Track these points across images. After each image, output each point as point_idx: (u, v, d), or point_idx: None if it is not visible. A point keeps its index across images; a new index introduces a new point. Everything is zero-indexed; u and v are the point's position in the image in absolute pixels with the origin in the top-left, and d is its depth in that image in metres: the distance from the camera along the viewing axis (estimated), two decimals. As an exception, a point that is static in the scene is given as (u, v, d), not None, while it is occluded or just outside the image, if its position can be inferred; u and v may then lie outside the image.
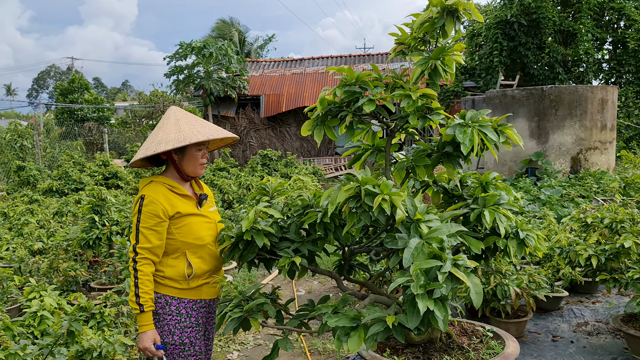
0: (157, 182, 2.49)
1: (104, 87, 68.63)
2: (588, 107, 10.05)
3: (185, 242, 2.47)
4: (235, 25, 34.87)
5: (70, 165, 13.39)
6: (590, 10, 14.27)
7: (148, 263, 2.39)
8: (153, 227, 2.39)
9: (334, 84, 21.89)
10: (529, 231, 2.52)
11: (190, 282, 2.48)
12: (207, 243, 2.52)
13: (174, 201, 2.46)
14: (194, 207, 2.54)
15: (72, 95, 24.91)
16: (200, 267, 2.50)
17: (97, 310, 4.07)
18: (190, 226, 2.48)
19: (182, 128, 2.45)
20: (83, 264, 6.07)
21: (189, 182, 2.62)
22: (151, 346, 2.36)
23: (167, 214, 2.42)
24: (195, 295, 2.52)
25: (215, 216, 2.66)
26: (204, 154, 2.56)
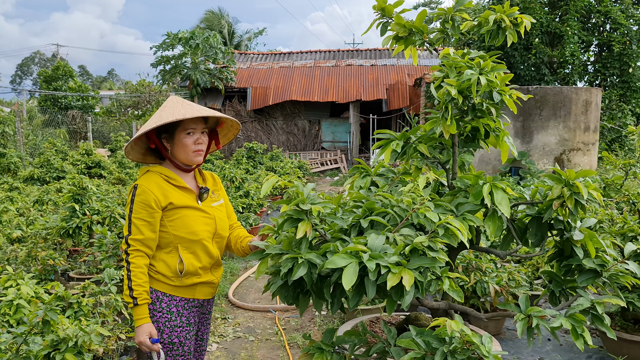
0: (153, 171, 2.38)
1: (90, 76, 67.78)
2: (572, 108, 10.15)
3: (177, 236, 2.35)
4: (224, 17, 34.63)
5: (52, 153, 13.21)
6: (577, 12, 14.38)
7: (141, 255, 2.31)
8: (145, 217, 2.30)
9: (322, 78, 21.85)
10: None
11: (182, 279, 2.37)
12: (201, 238, 2.38)
13: (169, 192, 2.35)
14: (193, 200, 2.41)
15: (56, 82, 24.58)
16: (192, 264, 2.37)
17: (75, 299, 4.02)
18: (184, 219, 2.35)
19: (163, 113, 2.33)
20: (62, 253, 5.99)
21: (190, 173, 2.49)
22: (147, 340, 2.27)
23: (159, 205, 2.31)
24: (188, 294, 2.41)
25: (217, 212, 2.50)
26: (197, 140, 2.38)
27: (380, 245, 2.01)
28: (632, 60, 14.26)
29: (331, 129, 22.12)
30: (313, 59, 23.59)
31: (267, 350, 4.39)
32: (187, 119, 2.33)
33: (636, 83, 14.42)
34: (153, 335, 2.30)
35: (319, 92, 21.15)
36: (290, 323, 5.00)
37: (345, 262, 1.91)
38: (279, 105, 21.69)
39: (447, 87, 2.32)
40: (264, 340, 4.60)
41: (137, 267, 2.29)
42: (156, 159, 2.54)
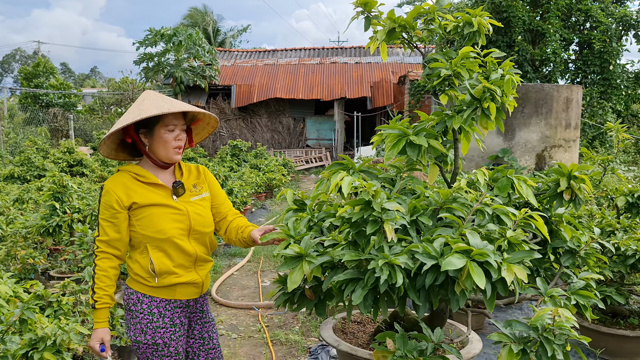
0: (122, 170, 2.33)
1: (72, 73, 66.99)
2: (553, 105, 10.27)
3: (145, 236, 2.27)
4: (208, 14, 34.44)
5: (33, 152, 13.04)
6: (558, 11, 14.53)
7: (107, 257, 2.27)
8: (109, 218, 2.26)
9: (307, 76, 21.83)
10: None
11: (159, 280, 2.28)
12: (170, 236, 2.27)
13: (134, 191, 2.27)
14: (164, 197, 2.32)
15: (37, 79, 24.24)
16: (164, 263, 2.28)
17: (54, 298, 3.98)
18: (151, 218, 2.27)
19: (143, 106, 2.25)
20: (43, 252, 5.92)
21: (167, 169, 2.40)
22: (96, 346, 2.27)
23: (122, 205, 2.25)
24: (167, 295, 2.33)
25: (193, 207, 2.38)
26: (177, 137, 2.30)
27: (480, 242, 1.98)
28: (612, 57, 14.45)
29: (316, 126, 22.13)
30: (297, 57, 23.56)
31: (250, 347, 4.38)
32: (170, 115, 2.27)
33: (616, 80, 14.62)
34: (105, 342, 2.28)
35: (304, 90, 21.14)
36: (274, 320, 4.99)
37: (462, 262, 1.86)
38: (263, 103, 21.64)
39: (484, 85, 2.45)
40: (247, 337, 4.59)
41: (101, 269, 2.27)
42: (128, 155, 2.47)
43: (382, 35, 2.70)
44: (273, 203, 12.37)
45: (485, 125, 2.57)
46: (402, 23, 2.69)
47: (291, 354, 4.24)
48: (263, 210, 11.30)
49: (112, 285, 2.28)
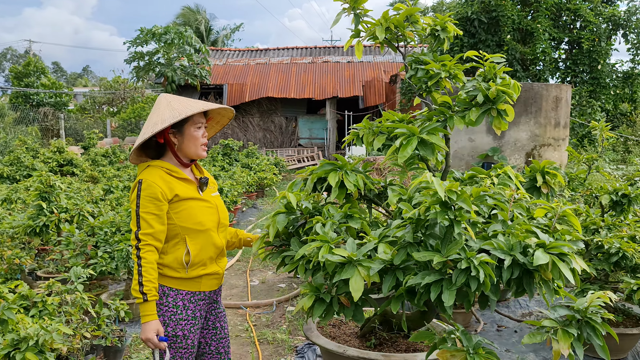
0: (154, 165, 2.40)
1: (64, 72, 66.60)
2: (543, 104, 10.32)
3: (184, 227, 2.37)
4: (201, 13, 34.35)
5: (22, 151, 12.96)
6: (547, 10, 14.61)
7: (152, 250, 2.31)
8: (153, 211, 2.31)
9: (299, 75, 21.82)
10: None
11: (188, 271, 2.38)
12: (207, 229, 2.42)
13: (173, 184, 2.37)
14: (195, 191, 2.45)
15: (27, 79, 24.07)
16: (199, 255, 2.40)
17: (39, 298, 3.96)
18: (190, 211, 2.39)
19: (175, 107, 2.38)
20: (30, 252, 5.89)
21: (188, 167, 2.52)
22: (154, 337, 2.26)
23: (165, 197, 2.33)
24: (193, 287, 2.42)
25: (218, 201, 2.55)
26: (204, 134, 2.47)
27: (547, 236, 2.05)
28: (601, 57, 14.55)
29: (308, 125, 22.13)
30: (290, 56, 23.54)
31: (237, 346, 4.38)
32: (197, 114, 2.41)
33: (605, 80, 14.72)
34: (160, 333, 2.29)
35: (296, 89, 21.13)
36: (261, 319, 5.00)
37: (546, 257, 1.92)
38: (255, 102, 21.61)
39: (498, 88, 2.59)
40: (234, 336, 4.59)
41: (148, 262, 2.28)
42: (147, 157, 2.51)
43: (381, 33, 2.70)
44: (264, 202, 12.36)
45: (498, 126, 2.69)
46: (395, 23, 2.72)
47: (278, 352, 4.24)
48: (254, 209, 11.29)
49: (157, 279, 2.31)
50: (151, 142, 2.44)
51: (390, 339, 2.86)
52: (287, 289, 5.88)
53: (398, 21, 2.73)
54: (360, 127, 2.79)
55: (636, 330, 3.87)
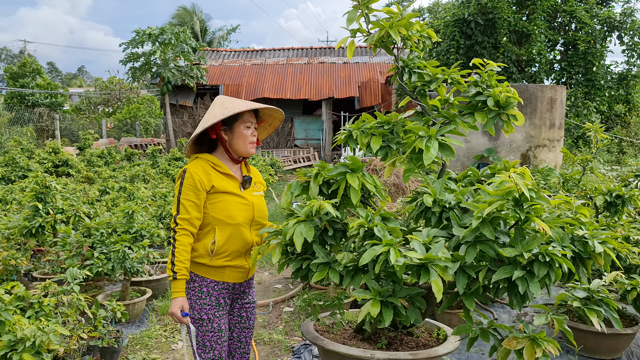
0: (201, 158, 2.60)
1: (59, 73, 66.36)
2: (538, 105, 10.36)
3: (216, 218, 2.53)
4: (197, 14, 34.30)
5: (17, 152, 12.93)
6: (543, 12, 14.67)
7: (186, 234, 2.49)
8: (192, 199, 2.50)
9: (295, 76, 21.84)
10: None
11: (213, 259, 2.54)
12: (238, 223, 2.55)
13: (213, 177, 2.54)
14: (235, 187, 2.59)
15: (23, 79, 24.01)
16: (225, 246, 2.54)
17: (36, 299, 3.96)
18: (224, 204, 2.54)
19: (227, 105, 2.56)
20: (26, 253, 5.88)
21: (237, 164, 2.68)
22: (178, 312, 2.46)
23: (204, 187, 2.51)
24: (217, 276, 2.57)
25: (256, 199, 2.66)
26: (253, 133, 2.62)
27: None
28: (596, 59, 14.62)
29: (304, 126, 22.14)
30: (285, 57, 23.55)
31: (233, 347, 4.39)
32: (247, 113, 2.60)
33: (600, 81, 14.79)
34: (185, 309, 2.49)
35: (292, 90, 21.14)
36: (258, 320, 5.00)
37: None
38: (251, 103, 21.59)
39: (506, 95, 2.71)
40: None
41: (181, 244, 2.48)
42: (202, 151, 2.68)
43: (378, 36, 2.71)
44: (260, 203, 12.36)
45: (507, 129, 2.78)
46: (401, 25, 2.72)
47: (274, 353, 4.25)
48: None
49: (189, 260, 2.51)
50: (205, 137, 2.65)
51: (396, 337, 2.87)
52: (283, 290, 5.89)
53: (404, 25, 2.73)
54: (353, 128, 2.81)
55: (630, 330, 3.90)
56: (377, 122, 2.82)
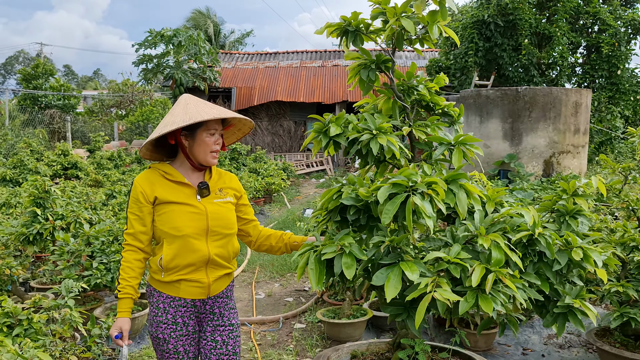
0: (153, 167, 2.46)
1: (75, 75, 66.96)
2: (562, 110, 9.91)
3: (162, 231, 2.37)
4: (211, 17, 34.24)
5: (27, 154, 12.73)
6: (566, 13, 14.19)
7: (132, 249, 2.39)
8: (135, 212, 2.38)
9: (308, 79, 21.52)
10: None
11: (164, 275, 2.37)
12: (184, 234, 2.33)
13: (158, 187, 2.38)
14: (189, 195, 2.40)
15: (36, 81, 23.95)
16: (174, 260, 2.34)
17: (25, 315, 3.64)
18: (170, 215, 2.36)
19: (189, 110, 2.38)
20: (25, 260, 5.59)
21: (201, 171, 2.49)
22: (113, 333, 2.34)
23: (146, 199, 2.38)
24: (172, 292, 2.39)
25: (214, 207, 2.42)
26: (217, 141, 2.42)
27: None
28: (621, 62, 14.10)
29: (317, 130, 21.78)
30: (299, 59, 23.25)
31: (240, 368, 4.03)
32: (212, 120, 2.37)
33: (625, 85, 14.26)
34: (123, 331, 2.35)
35: (305, 93, 20.82)
36: (267, 338, 4.65)
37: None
38: (264, 106, 21.32)
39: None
40: (237, 357, 4.24)
41: (126, 261, 2.38)
42: (162, 155, 2.55)
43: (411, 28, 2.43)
44: (272, 208, 12.03)
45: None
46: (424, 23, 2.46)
47: (284, 377, 3.89)
48: (261, 215, 10.95)
49: (136, 277, 2.39)
50: (165, 141, 2.46)
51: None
52: (294, 304, 5.52)
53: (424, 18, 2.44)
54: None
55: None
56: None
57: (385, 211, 1.95)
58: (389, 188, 2.00)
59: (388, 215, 1.94)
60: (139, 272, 2.40)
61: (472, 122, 10.40)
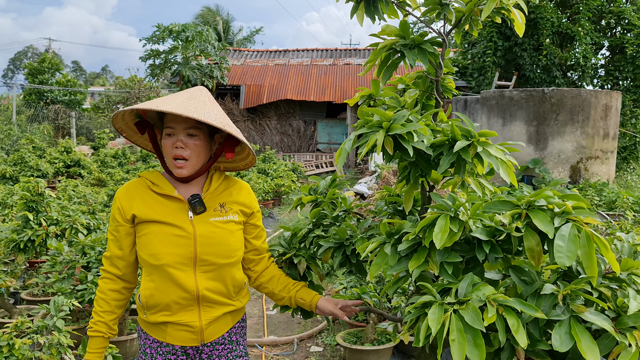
0: (142, 176, 1.94)
1: (83, 71, 66.99)
2: (591, 112, 9.36)
3: (141, 258, 1.87)
4: (220, 14, 33.88)
5: (28, 150, 12.31)
6: (589, 12, 13.62)
7: (109, 277, 1.92)
8: (112, 231, 1.92)
9: (319, 77, 21.02)
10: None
11: (147, 314, 1.89)
12: (164, 264, 1.81)
13: (141, 202, 1.86)
14: (175, 212, 1.85)
15: (42, 75, 23.60)
16: (155, 296, 1.84)
17: (5, 341, 3.17)
18: (149, 237, 1.84)
19: (167, 98, 1.84)
20: (16, 269, 5.12)
21: (192, 181, 1.93)
22: None
23: (123, 216, 1.87)
24: (158, 335, 1.90)
25: (207, 228, 1.86)
26: (177, 144, 1.83)
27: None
28: (647, 63, 13.52)
29: (327, 130, 21.31)
30: (310, 57, 22.76)
31: (250, 402, 3.54)
32: (168, 116, 1.84)
33: (651, 88, 13.68)
34: None
35: (315, 92, 20.33)
36: (280, 363, 4.15)
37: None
38: (273, 104, 20.85)
39: None
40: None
41: (100, 291, 1.92)
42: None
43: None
44: (281, 211, 11.53)
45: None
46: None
47: (301, 414, 3.40)
48: (270, 219, 10.45)
49: (111, 312, 1.93)
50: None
51: None
52: (309, 322, 5.02)
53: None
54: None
55: None
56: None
57: (559, 248, 1.44)
58: (561, 219, 1.50)
59: (570, 258, 1.44)
60: (115, 305, 1.93)
61: (494, 125, 9.87)
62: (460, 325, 1.44)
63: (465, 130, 1.79)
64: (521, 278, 1.67)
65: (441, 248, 1.58)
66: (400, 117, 1.78)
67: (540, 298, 1.57)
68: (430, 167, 1.86)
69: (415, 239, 1.70)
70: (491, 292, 1.51)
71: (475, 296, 1.51)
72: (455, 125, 1.75)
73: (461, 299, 1.52)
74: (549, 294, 1.54)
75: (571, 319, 1.47)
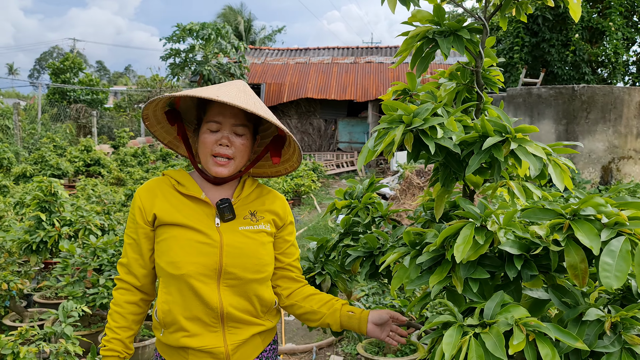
0: (167, 174, 1.73)
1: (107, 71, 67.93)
2: (624, 111, 8.97)
3: (159, 266, 1.62)
4: (241, 13, 33.91)
5: (49, 149, 12.33)
6: (621, 6, 13.15)
7: (124, 287, 1.69)
8: (131, 234, 1.68)
9: (340, 76, 20.79)
10: None
11: (165, 333, 1.63)
12: (184, 274, 1.56)
13: (164, 202, 1.64)
14: (201, 217, 1.62)
15: (64, 75, 23.80)
16: (172, 312, 1.59)
17: (10, 349, 3.02)
18: (169, 242, 1.59)
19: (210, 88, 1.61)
20: (30, 270, 5.02)
21: (223, 184, 1.71)
22: None
23: (144, 217, 1.64)
24: (178, 359, 1.64)
25: (235, 237, 1.63)
26: (221, 141, 1.61)
27: None
28: (681, 60, 13.01)
29: (348, 129, 21.07)
30: (330, 56, 22.54)
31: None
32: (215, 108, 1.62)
33: (686, 85, 13.16)
34: None
35: (336, 90, 20.11)
36: (298, 374, 3.95)
37: None
38: (293, 103, 20.69)
39: None
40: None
41: (115, 304, 1.68)
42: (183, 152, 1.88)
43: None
44: (301, 212, 11.34)
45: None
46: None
47: None
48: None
49: (128, 328, 1.68)
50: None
51: None
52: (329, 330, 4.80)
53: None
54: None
55: None
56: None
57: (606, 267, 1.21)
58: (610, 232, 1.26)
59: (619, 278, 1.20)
60: (132, 320, 1.68)
61: (521, 123, 9.55)
62: (481, 351, 1.21)
63: (500, 125, 1.55)
64: (562, 299, 1.43)
65: (464, 262, 1.35)
66: (423, 110, 1.55)
67: (584, 325, 1.33)
68: (462, 168, 1.64)
69: (438, 251, 1.48)
70: (523, 315, 1.27)
71: (503, 318, 1.28)
72: (486, 120, 1.52)
73: (486, 321, 1.29)
74: (594, 320, 1.31)
75: (622, 352, 1.24)
